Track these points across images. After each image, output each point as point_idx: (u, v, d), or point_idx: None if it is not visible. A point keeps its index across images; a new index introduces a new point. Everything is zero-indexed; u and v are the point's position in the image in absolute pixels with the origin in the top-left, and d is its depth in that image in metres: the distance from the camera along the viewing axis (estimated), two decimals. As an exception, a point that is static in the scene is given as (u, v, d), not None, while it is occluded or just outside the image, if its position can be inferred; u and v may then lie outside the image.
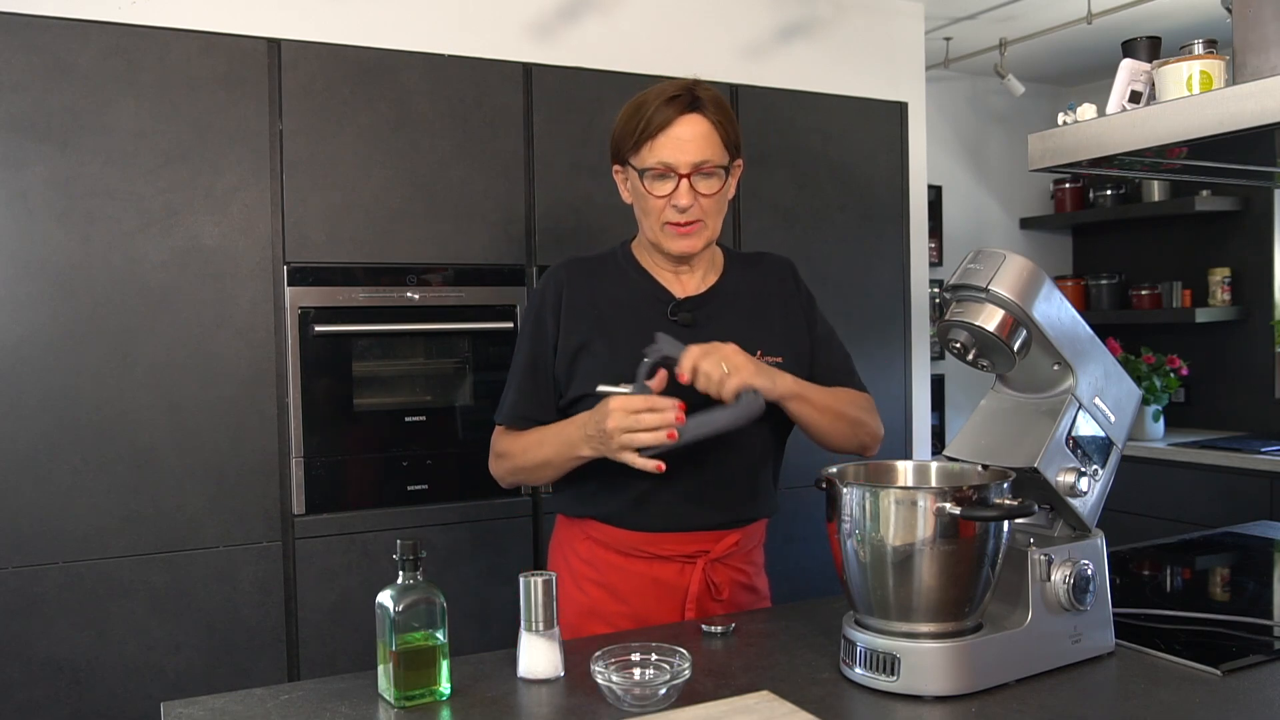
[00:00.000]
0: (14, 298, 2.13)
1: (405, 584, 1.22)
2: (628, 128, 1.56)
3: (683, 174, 1.53)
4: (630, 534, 1.59)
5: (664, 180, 1.54)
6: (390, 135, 2.45)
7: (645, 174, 1.55)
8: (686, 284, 1.65)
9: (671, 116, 1.52)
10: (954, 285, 1.33)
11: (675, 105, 1.53)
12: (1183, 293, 4.08)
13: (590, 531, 1.62)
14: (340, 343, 2.40)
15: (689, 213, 1.54)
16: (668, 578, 1.59)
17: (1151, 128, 1.43)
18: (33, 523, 2.13)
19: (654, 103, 1.53)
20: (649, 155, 1.53)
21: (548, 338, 1.62)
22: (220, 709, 1.22)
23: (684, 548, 1.59)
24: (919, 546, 1.19)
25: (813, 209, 3.01)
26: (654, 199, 1.55)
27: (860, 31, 3.20)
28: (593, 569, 1.61)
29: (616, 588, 1.59)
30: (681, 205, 1.53)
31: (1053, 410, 1.32)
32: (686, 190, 1.53)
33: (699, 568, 1.59)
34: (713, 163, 1.54)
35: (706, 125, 1.54)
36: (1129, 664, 1.31)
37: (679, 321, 1.60)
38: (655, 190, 1.55)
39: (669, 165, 1.53)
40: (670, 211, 1.55)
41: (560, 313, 1.62)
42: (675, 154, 1.52)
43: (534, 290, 1.69)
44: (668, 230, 1.57)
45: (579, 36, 2.76)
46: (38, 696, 2.13)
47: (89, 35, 2.18)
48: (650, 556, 1.59)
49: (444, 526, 2.48)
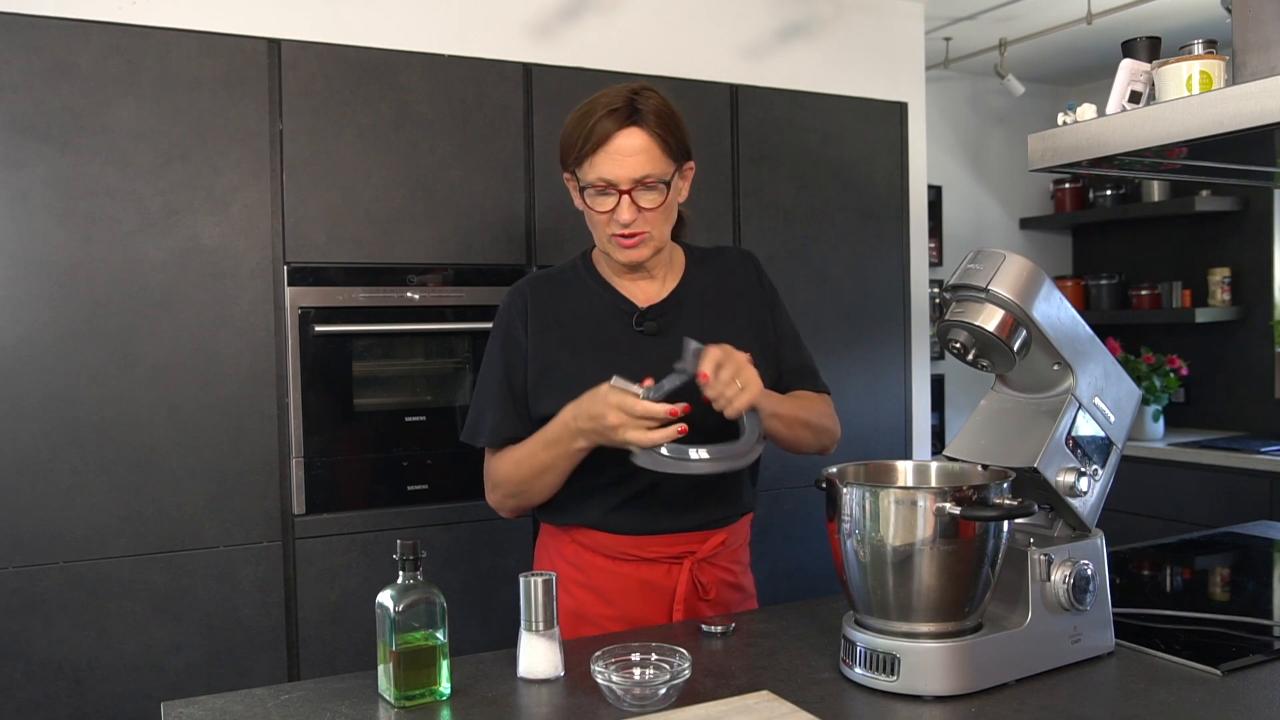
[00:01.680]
0: (14, 298, 2.13)
1: (405, 584, 1.23)
2: (571, 139, 1.54)
3: (623, 190, 1.51)
4: (617, 538, 1.58)
5: (606, 196, 1.53)
6: (390, 135, 2.45)
7: (586, 190, 1.54)
8: (648, 290, 1.64)
9: (610, 131, 1.50)
10: (954, 285, 1.33)
11: (615, 118, 1.50)
12: (1182, 293, 4.08)
13: (577, 536, 1.61)
14: (340, 343, 2.40)
15: (633, 226, 1.53)
16: (655, 579, 1.59)
17: (1151, 128, 1.43)
18: (33, 523, 2.13)
19: (597, 113, 1.51)
20: (590, 171, 1.52)
21: (521, 353, 1.61)
22: (220, 709, 1.22)
23: (671, 549, 1.59)
24: (919, 546, 1.19)
25: (813, 209, 3.01)
26: (596, 214, 1.55)
27: (860, 31, 3.20)
28: (580, 572, 1.60)
29: (604, 590, 1.59)
30: (624, 220, 1.52)
31: (1053, 410, 1.32)
32: (628, 206, 1.51)
33: (686, 568, 1.59)
34: (654, 176, 1.52)
35: (645, 139, 1.51)
36: (1129, 664, 1.31)
37: (645, 331, 1.59)
38: (598, 206, 1.54)
39: (609, 181, 1.51)
40: (614, 225, 1.54)
41: (528, 329, 1.61)
42: (615, 170, 1.50)
43: (499, 309, 1.66)
44: (614, 241, 1.56)
45: (579, 36, 2.76)
46: (38, 696, 2.13)
47: (89, 35, 2.18)
48: (637, 559, 1.58)
49: (444, 526, 2.48)
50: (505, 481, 1.59)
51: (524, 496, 1.59)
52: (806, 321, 2.96)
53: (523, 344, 1.60)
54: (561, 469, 1.53)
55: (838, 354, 3.02)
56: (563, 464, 1.52)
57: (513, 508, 1.62)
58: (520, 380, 1.60)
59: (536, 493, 1.57)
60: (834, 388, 1.77)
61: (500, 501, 1.62)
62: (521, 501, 1.60)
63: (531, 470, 1.55)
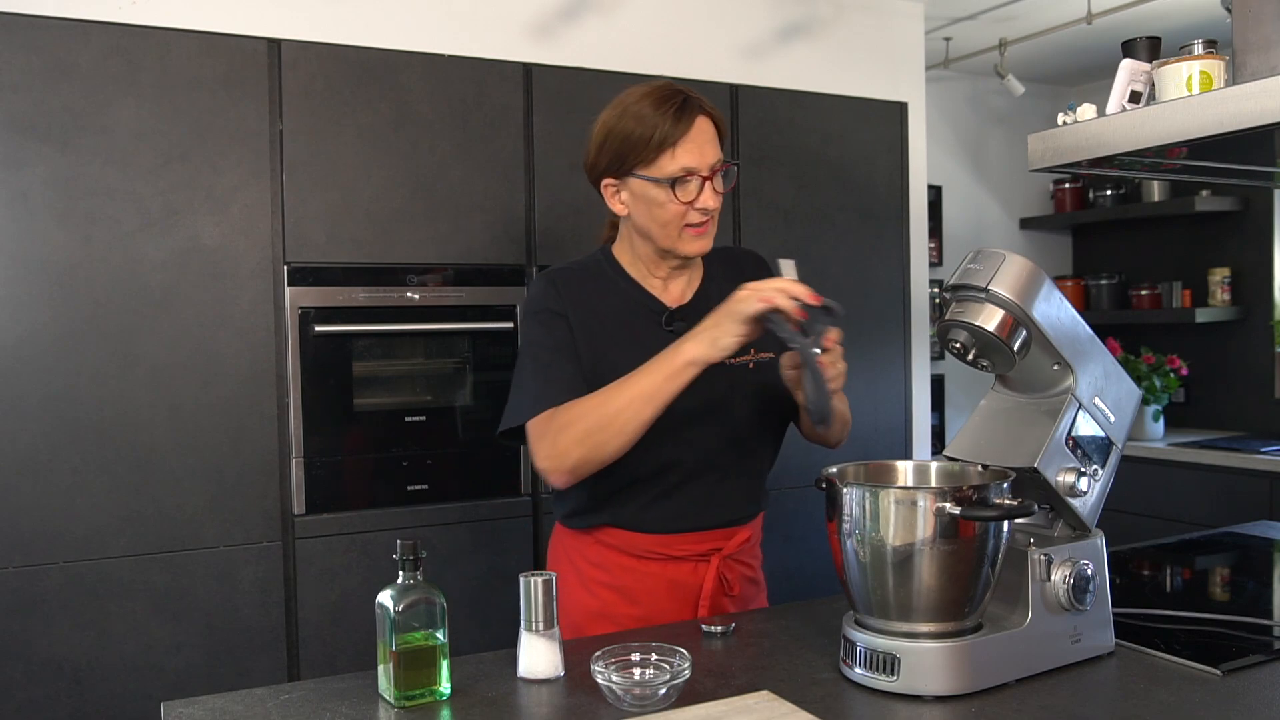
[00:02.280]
0: (14, 298, 2.13)
1: (405, 584, 1.22)
2: (637, 139, 1.51)
3: (705, 176, 1.52)
4: (645, 536, 1.58)
5: (688, 186, 1.52)
6: (390, 135, 2.45)
7: (674, 183, 1.51)
8: (674, 291, 1.64)
9: (688, 123, 1.51)
10: (954, 285, 1.33)
11: (687, 109, 1.52)
12: (1183, 293, 4.08)
13: (602, 537, 1.60)
14: (340, 343, 2.40)
15: (713, 212, 1.54)
16: (681, 577, 1.59)
17: (1151, 128, 1.43)
18: (33, 523, 2.13)
19: (662, 108, 1.51)
20: (670, 163, 1.50)
21: (569, 329, 1.56)
22: (220, 709, 1.22)
23: (698, 546, 1.60)
24: (919, 546, 1.19)
25: (813, 209, 3.01)
26: (678, 205, 1.52)
27: (860, 31, 3.20)
28: (604, 572, 1.60)
29: (629, 589, 1.59)
30: (710, 207, 1.53)
31: (1053, 410, 1.32)
32: (711, 192, 1.53)
33: (713, 565, 1.60)
34: (723, 160, 1.55)
35: (711, 125, 1.55)
36: (1129, 664, 1.31)
37: (674, 331, 1.57)
38: (683, 196, 1.52)
39: (692, 170, 1.51)
40: (694, 215, 1.53)
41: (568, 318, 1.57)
42: (697, 158, 1.51)
43: (530, 298, 1.62)
44: (686, 234, 1.55)
45: (579, 36, 2.76)
46: (38, 696, 2.13)
47: (89, 35, 2.18)
48: (665, 558, 1.59)
49: (444, 526, 2.49)
50: (578, 421, 1.44)
51: (599, 441, 1.43)
52: (806, 321, 2.96)
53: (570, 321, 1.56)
54: (658, 400, 1.40)
55: (838, 354, 3.01)
56: (665, 392, 1.39)
57: (577, 461, 1.45)
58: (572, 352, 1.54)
59: (616, 434, 1.42)
60: (834, 388, 1.77)
61: (564, 451, 1.45)
62: (592, 451, 1.44)
63: (623, 402, 1.41)
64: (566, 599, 1.61)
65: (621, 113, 1.54)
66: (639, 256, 1.63)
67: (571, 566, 1.63)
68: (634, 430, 1.42)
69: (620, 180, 1.57)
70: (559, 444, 1.45)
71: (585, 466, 1.46)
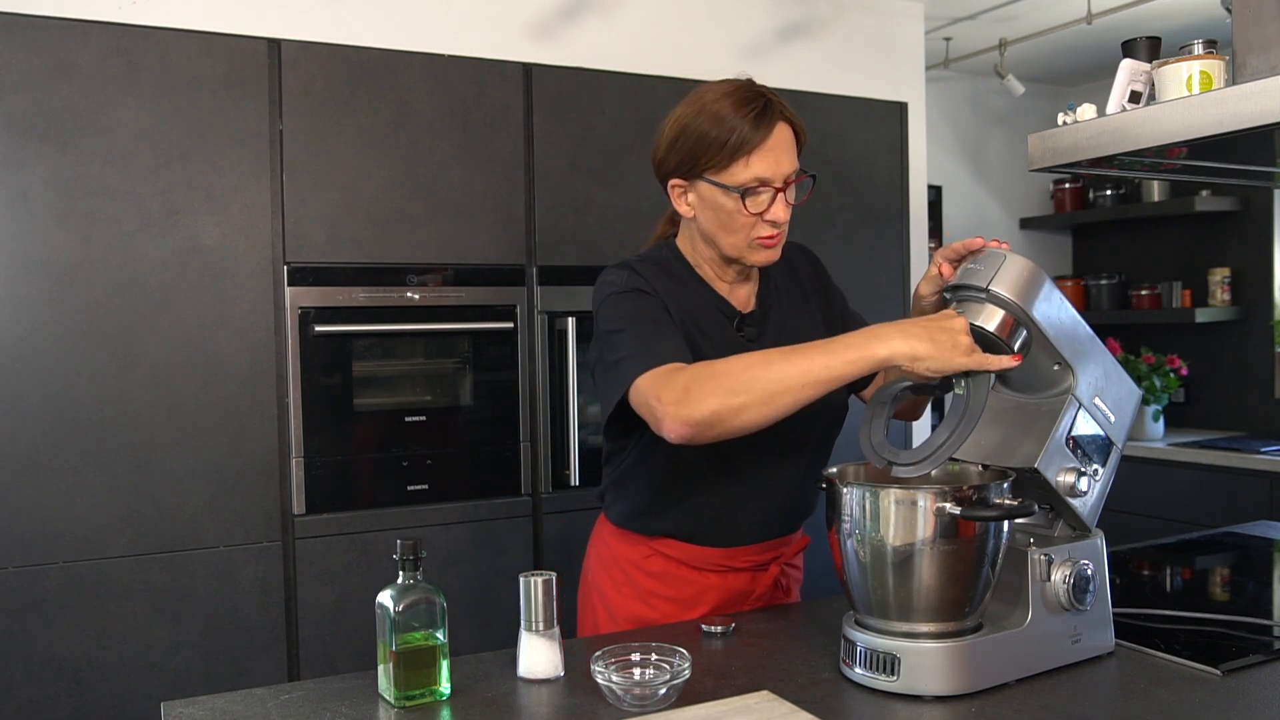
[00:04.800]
0: (14, 298, 2.13)
1: (405, 584, 1.23)
2: (712, 141, 1.43)
3: (779, 187, 1.45)
4: (709, 550, 1.56)
5: (758, 195, 1.45)
6: (390, 135, 2.45)
7: (745, 193, 1.44)
8: (739, 294, 1.58)
9: (767, 130, 1.43)
10: (954, 285, 1.33)
11: (767, 115, 1.43)
12: (1183, 293, 4.08)
13: (662, 548, 1.57)
14: (340, 343, 2.40)
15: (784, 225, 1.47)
16: (741, 586, 1.59)
17: (1151, 128, 1.43)
18: (33, 523, 2.13)
19: (743, 111, 1.42)
20: (743, 171, 1.43)
21: (666, 309, 1.46)
22: (220, 709, 1.22)
23: (761, 556, 1.59)
24: (919, 546, 1.19)
25: (813, 209, 3.00)
26: (748, 215, 1.45)
27: (860, 31, 3.20)
28: (665, 584, 1.57)
29: (690, 600, 1.57)
30: (780, 220, 1.45)
31: (1053, 410, 1.32)
32: (783, 205, 1.45)
33: (771, 574, 1.59)
34: (797, 170, 1.47)
35: (789, 133, 1.46)
36: (1129, 664, 1.31)
37: (745, 336, 1.54)
38: (753, 207, 1.45)
39: (765, 180, 1.43)
40: (763, 226, 1.46)
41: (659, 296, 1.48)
42: (772, 169, 1.43)
43: (616, 279, 1.50)
44: (755, 244, 1.48)
45: (579, 36, 2.76)
46: (38, 696, 2.13)
47: (89, 35, 2.18)
48: (725, 569, 1.57)
49: (444, 526, 2.48)
50: (726, 374, 1.27)
51: (745, 402, 1.25)
52: (806, 321, 2.96)
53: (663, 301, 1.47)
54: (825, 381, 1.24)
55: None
56: (838, 373, 1.24)
57: (711, 413, 1.26)
58: (674, 323, 1.45)
59: (766, 401, 1.25)
60: (834, 388, 1.77)
61: (699, 398, 1.26)
62: (733, 410, 1.25)
63: (788, 370, 1.24)
64: (620, 610, 1.59)
65: (699, 110, 1.45)
66: (703, 259, 1.56)
67: (627, 578, 1.59)
68: (786, 405, 1.25)
69: (689, 182, 1.49)
70: (694, 390, 1.27)
71: (717, 425, 1.26)
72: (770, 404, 1.25)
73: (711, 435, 1.28)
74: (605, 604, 1.63)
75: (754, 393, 1.25)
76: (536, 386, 2.60)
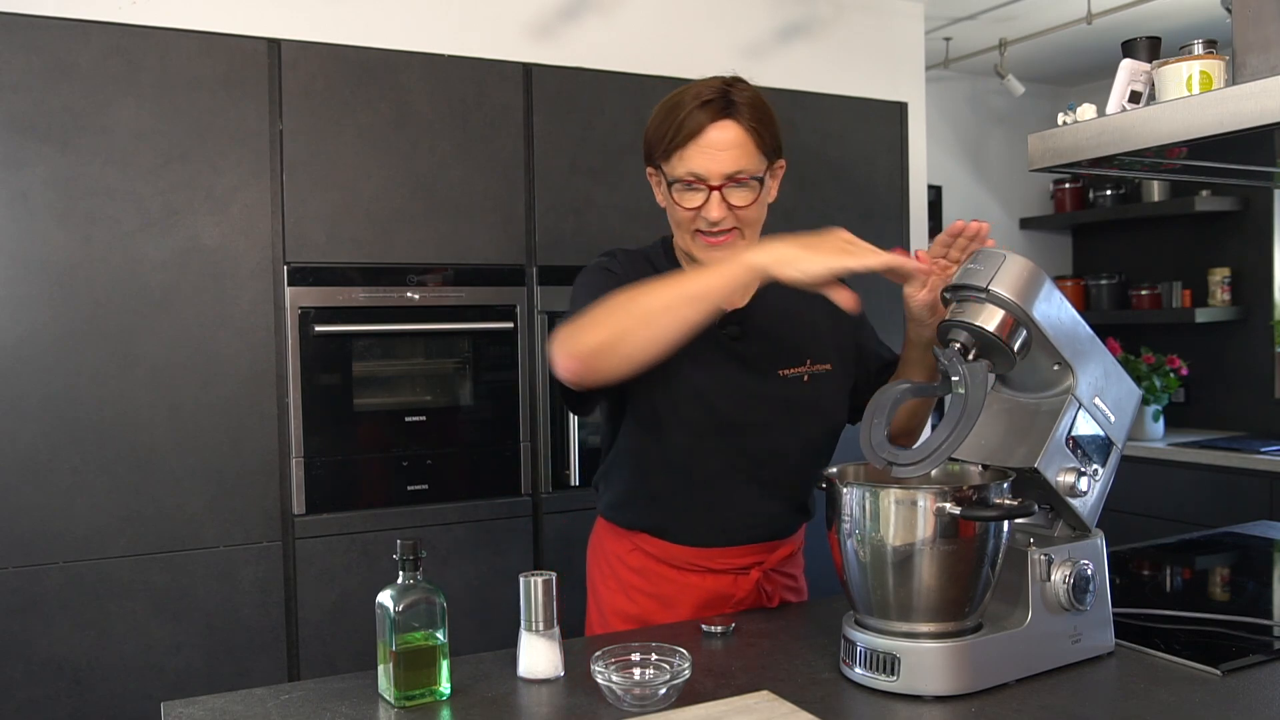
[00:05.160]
0: (14, 298, 2.13)
1: (405, 584, 1.23)
2: (659, 132, 1.45)
3: (714, 185, 1.43)
4: (685, 549, 1.55)
5: (694, 191, 1.44)
6: (390, 135, 2.45)
7: (674, 185, 1.45)
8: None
9: (703, 123, 1.41)
10: (954, 285, 1.33)
11: (708, 110, 1.42)
12: (1183, 293, 4.08)
13: (641, 544, 1.57)
14: (340, 343, 2.40)
15: (721, 224, 1.45)
16: (721, 589, 1.57)
17: (1151, 128, 1.43)
18: (33, 523, 2.13)
19: (688, 105, 1.43)
20: (679, 165, 1.43)
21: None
22: (220, 709, 1.22)
23: (739, 560, 1.57)
24: (919, 546, 1.19)
25: (813, 209, 3.01)
26: (683, 210, 1.45)
27: (860, 31, 3.20)
28: (644, 579, 1.57)
29: (669, 598, 1.56)
30: (712, 218, 1.43)
31: (1053, 410, 1.32)
32: (718, 203, 1.43)
33: (753, 579, 1.57)
34: (747, 172, 1.44)
35: (739, 132, 1.43)
36: (1129, 664, 1.31)
37: (728, 335, 1.52)
38: (685, 202, 1.45)
39: (699, 176, 1.43)
40: (700, 222, 1.45)
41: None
42: (706, 164, 1.42)
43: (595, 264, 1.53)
44: (698, 240, 1.47)
45: (579, 36, 2.76)
46: (38, 696, 2.13)
47: (89, 35, 2.18)
48: (704, 570, 1.56)
49: (444, 526, 2.48)
50: (608, 309, 1.28)
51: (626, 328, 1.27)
52: (806, 321, 2.96)
53: None
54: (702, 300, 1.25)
55: (838, 354, 3.02)
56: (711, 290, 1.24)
57: (595, 345, 1.27)
58: None
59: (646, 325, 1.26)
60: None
61: (581, 335, 1.29)
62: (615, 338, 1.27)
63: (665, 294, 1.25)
64: (607, 603, 1.59)
65: (667, 99, 1.47)
66: (683, 255, 1.56)
67: (612, 571, 1.61)
68: (667, 325, 1.26)
69: (655, 170, 1.51)
70: (581, 326, 1.29)
71: (602, 354, 1.27)
72: (651, 324, 1.26)
73: (602, 368, 1.29)
74: (595, 596, 1.64)
75: (634, 316, 1.27)
76: (536, 386, 2.60)
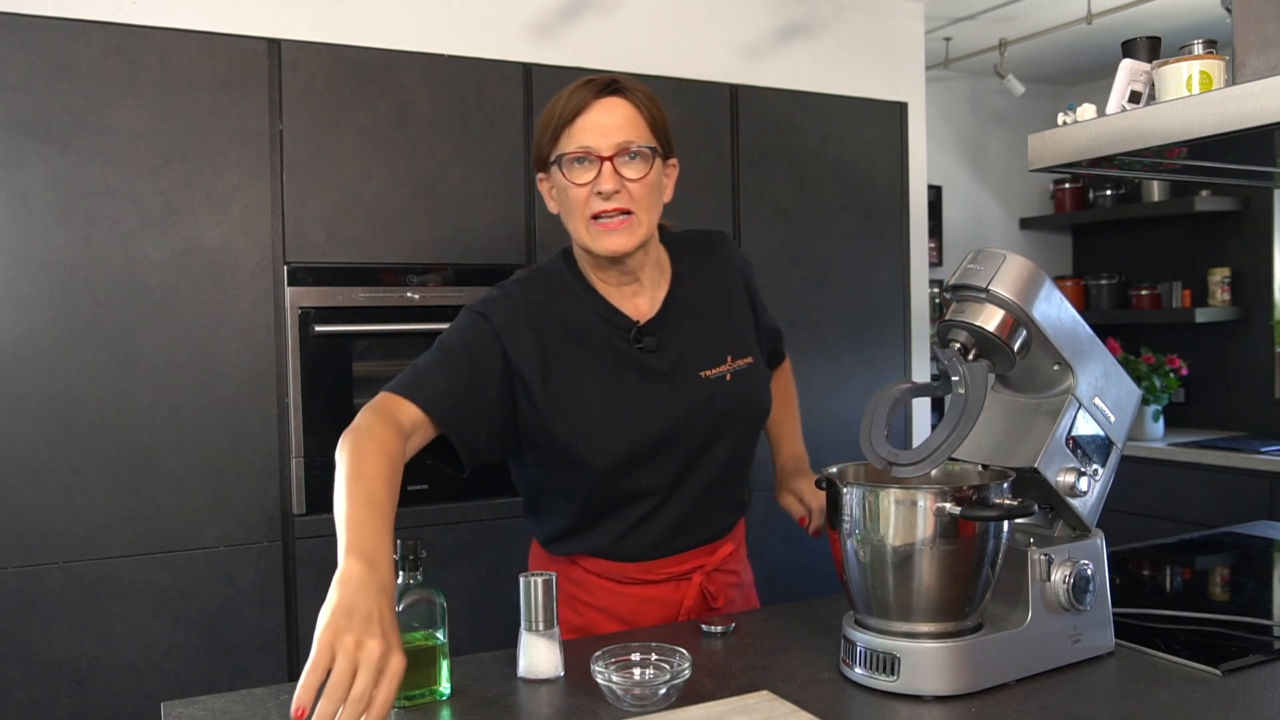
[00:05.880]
0: (14, 298, 2.13)
1: (405, 584, 1.23)
2: (546, 120, 1.43)
3: (605, 156, 1.39)
4: (622, 565, 1.54)
5: (585, 165, 1.40)
6: (390, 135, 2.45)
7: (564, 159, 1.40)
8: (639, 303, 1.51)
9: (588, 99, 1.40)
10: (954, 285, 1.33)
11: (592, 88, 1.41)
12: (1182, 293, 4.09)
13: (580, 562, 1.56)
14: (340, 343, 2.40)
15: (615, 200, 1.39)
16: (663, 595, 1.56)
17: (1151, 128, 1.43)
18: (33, 523, 2.13)
19: (574, 88, 1.42)
20: (568, 142, 1.40)
21: (494, 360, 1.43)
22: (220, 709, 1.22)
23: (679, 567, 1.56)
24: (919, 546, 1.19)
25: (813, 209, 3.01)
26: (576, 188, 1.40)
27: (860, 31, 3.20)
28: (587, 593, 1.56)
29: (614, 608, 1.56)
30: (606, 190, 1.39)
31: (1053, 410, 1.32)
32: (610, 174, 1.39)
33: (695, 583, 1.56)
34: (638, 143, 1.40)
35: (629, 107, 1.41)
36: (1129, 664, 1.31)
37: (644, 348, 1.48)
38: (576, 178, 1.40)
39: (588, 149, 1.39)
40: (595, 201, 1.40)
41: (524, 349, 1.44)
42: (595, 137, 1.39)
43: (482, 300, 1.48)
44: (594, 228, 1.41)
45: (579, 36, 2.76)
46: (38, 696, 2.13)
47: (89, 35, 2.18)
48: (645, 582, 1.55)
49: (444, 526, 2.48)
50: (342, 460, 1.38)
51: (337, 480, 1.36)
52: (806, 322, 2.96)
53: (507, 361, 1.44)
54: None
55: (837, 354, 3.02)
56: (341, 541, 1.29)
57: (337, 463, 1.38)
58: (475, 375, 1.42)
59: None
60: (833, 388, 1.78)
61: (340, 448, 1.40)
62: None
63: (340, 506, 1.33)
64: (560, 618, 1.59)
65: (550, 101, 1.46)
66: (587, 265, 1.50)
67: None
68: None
69: (546, 173, 1.47)
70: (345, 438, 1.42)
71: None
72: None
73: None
74: None
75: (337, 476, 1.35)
76: (536, 386, 2.60)
